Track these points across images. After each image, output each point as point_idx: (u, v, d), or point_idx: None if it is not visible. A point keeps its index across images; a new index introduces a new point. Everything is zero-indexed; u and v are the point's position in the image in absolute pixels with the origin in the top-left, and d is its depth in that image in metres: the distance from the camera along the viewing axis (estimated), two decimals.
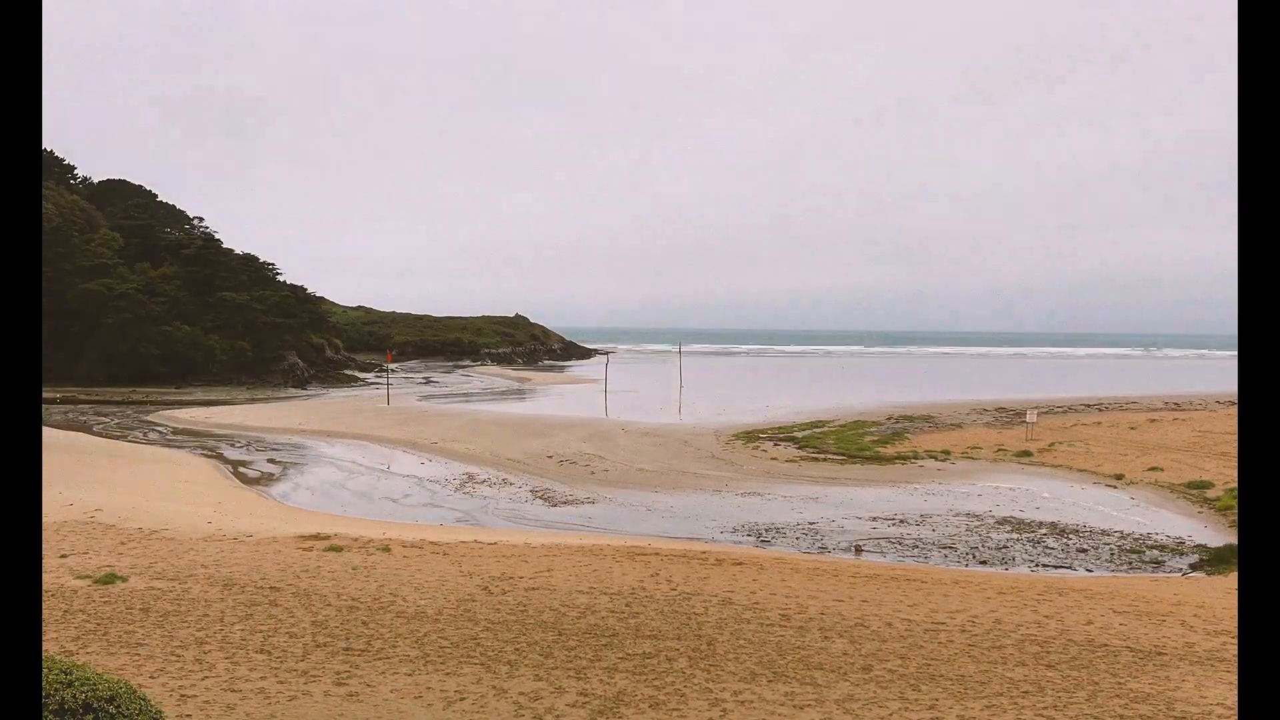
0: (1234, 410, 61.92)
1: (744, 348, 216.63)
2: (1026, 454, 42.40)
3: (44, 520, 21.92)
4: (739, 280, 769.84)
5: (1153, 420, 57.03)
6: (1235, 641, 14.67)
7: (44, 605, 14.58)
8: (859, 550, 24.79)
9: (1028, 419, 51.05)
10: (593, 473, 37.59)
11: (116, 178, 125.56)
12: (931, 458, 42.04)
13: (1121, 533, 27.25)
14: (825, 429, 52.59)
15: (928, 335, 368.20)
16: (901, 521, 28.52)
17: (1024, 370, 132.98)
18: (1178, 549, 25.41)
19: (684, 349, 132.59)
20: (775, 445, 45.98)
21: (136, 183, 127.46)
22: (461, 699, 11.15)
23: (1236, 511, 29.49)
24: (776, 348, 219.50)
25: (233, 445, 45.55)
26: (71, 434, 46.84)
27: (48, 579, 16.69)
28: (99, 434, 48.80)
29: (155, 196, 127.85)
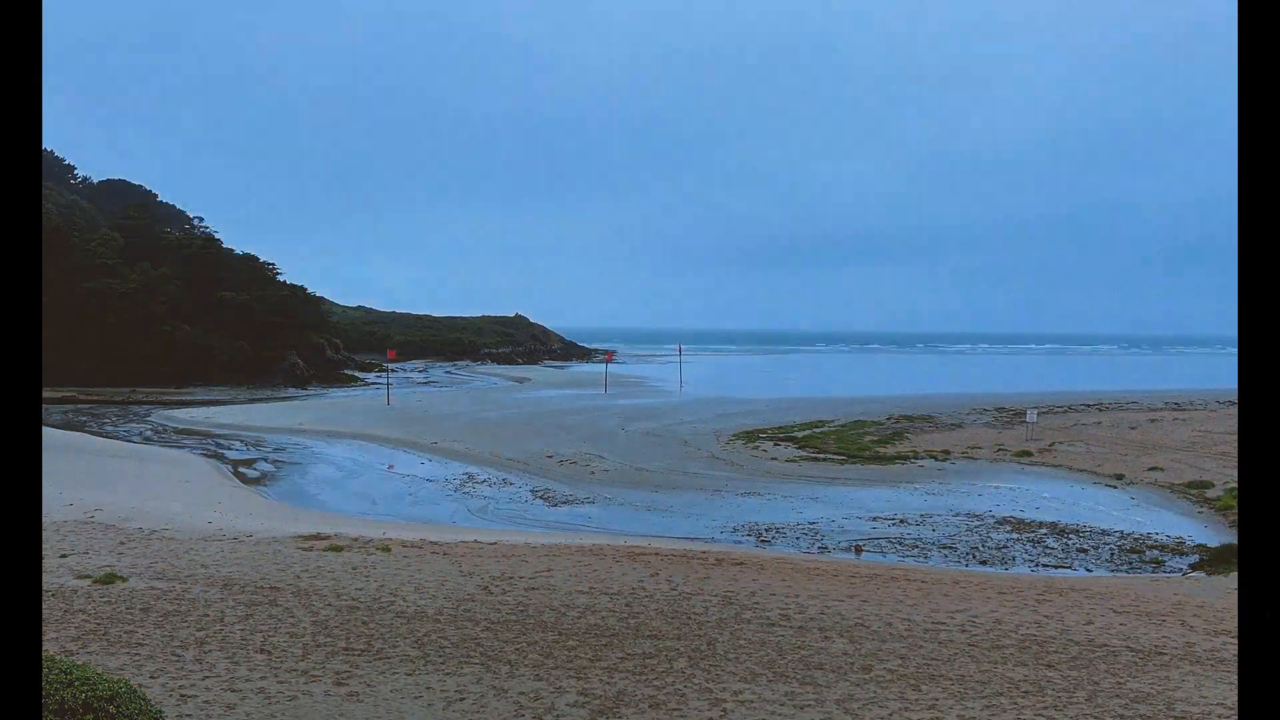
0: (1234, 410, 61.91)
1: (742, 348, 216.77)
2: (1026, 454, 42.40)
3: (44, 520, 21.92)
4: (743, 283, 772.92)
5: (1153, 420, 57.02)
6: (1235, 641, 14.66)
7: (44, 605, 14.58)
8: (859, 550, 24.78)
9: (1028, 418, 51.03)
10: (593, 473, 37.58)
11: (117, 178, 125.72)
12: (931, 457, 42.04)
13: (1121, 533, 27.24)
14: (825, 429, 52.58)
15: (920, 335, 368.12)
16: (901, 521, 28.52)
17: (1023, 369, 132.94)
18: (1178, 549, 25.40)
19: (684, 349, 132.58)
20: (775, 445, 45.97)
21: (136, 183, 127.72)
22: (461, 699, 11.15)
23: (1236, 511, 29.50)
24: (774, 348, 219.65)
25: (233, 445, 45.54)
26: (71, 434, 46.81)
27: (48, 579, 16.68)
28: (99, 434, 48.79)
29: (155, 196, 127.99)
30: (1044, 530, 27.39)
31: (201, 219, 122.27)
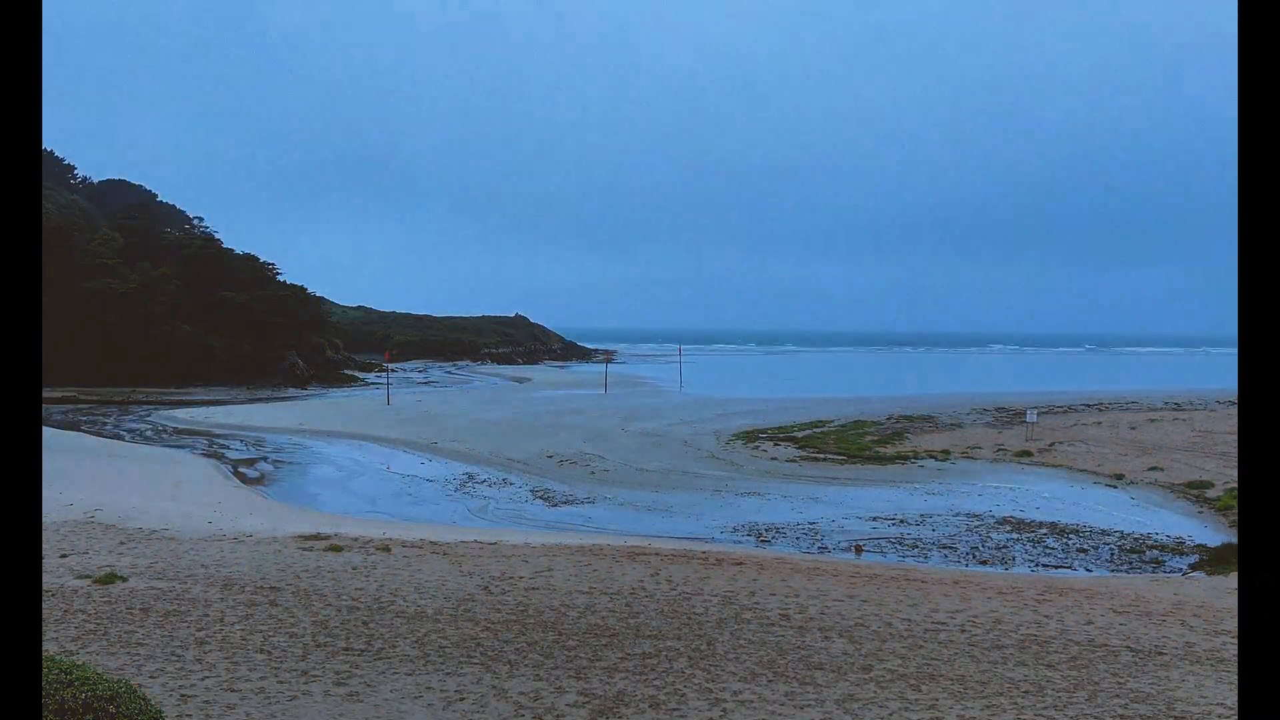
0: (1234, 410, 61.93)
1: (739, 348, 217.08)
2: (1026, 454, 42.40)
3: (44, 520, 21.92)
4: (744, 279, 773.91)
5: (1153, 420, 57.02)
6: (1235, 641, 14.67)
7: (44, 605, 14.58)
8: (859, 550, 24.78)
9: (1028, 418, 51.02)
10: (593, 473, 37.59)
11: (117, 178, 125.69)
12: (931, 457, 42.04)
13: (1121, 533, 27.24)
14: (825, 429, 52.58)
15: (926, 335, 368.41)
16: (901, 521, 28.52)
17: (1023, 369, 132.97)
18: (1178, 549, 25.40)
19: (684, 349, 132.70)
20: (775, 445, 45.96)
21: (136, 183, 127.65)
22: (461, 699, 11.15)
23: (1236, 511, 29.51)
24: (772, 347, 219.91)
25: (233, 445, 45.54)
26: (71, 434, 46.81)
27: (48, 579, 16.69)
28: (99, 434, 48.78)
29: (155, 196, 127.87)
30: (1044, 530, 27.39)
31: (201, 219, 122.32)
